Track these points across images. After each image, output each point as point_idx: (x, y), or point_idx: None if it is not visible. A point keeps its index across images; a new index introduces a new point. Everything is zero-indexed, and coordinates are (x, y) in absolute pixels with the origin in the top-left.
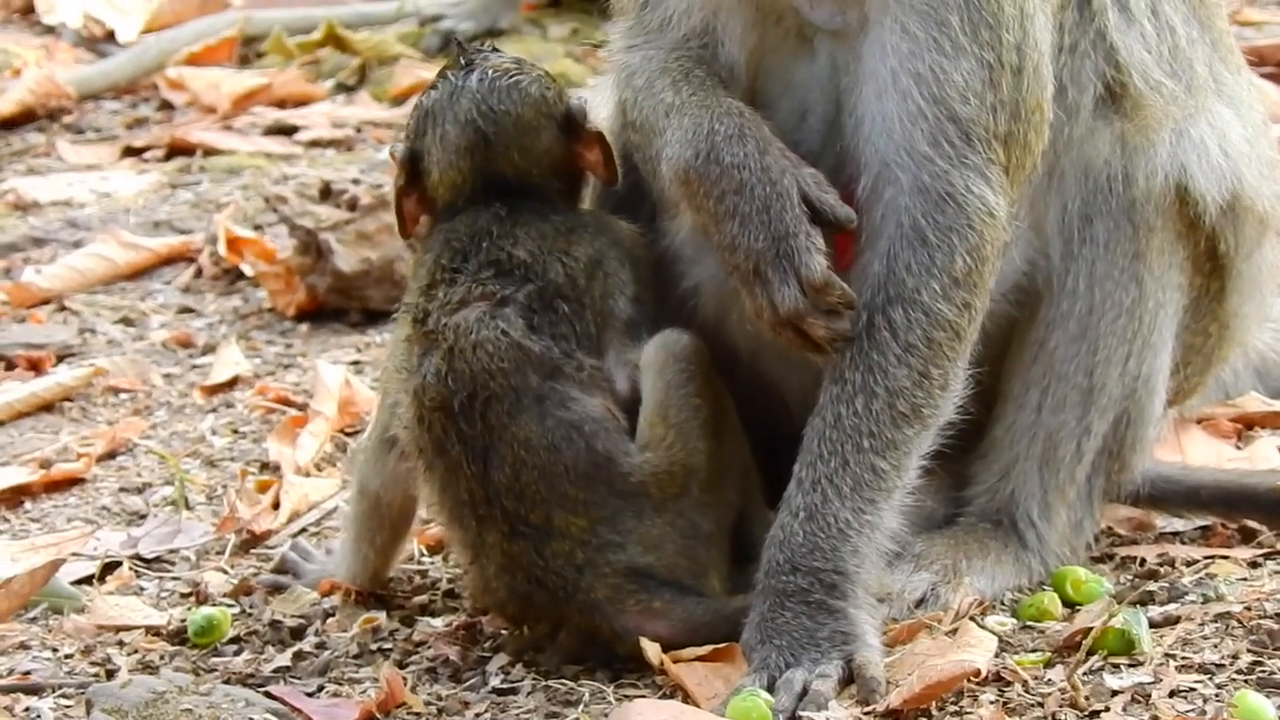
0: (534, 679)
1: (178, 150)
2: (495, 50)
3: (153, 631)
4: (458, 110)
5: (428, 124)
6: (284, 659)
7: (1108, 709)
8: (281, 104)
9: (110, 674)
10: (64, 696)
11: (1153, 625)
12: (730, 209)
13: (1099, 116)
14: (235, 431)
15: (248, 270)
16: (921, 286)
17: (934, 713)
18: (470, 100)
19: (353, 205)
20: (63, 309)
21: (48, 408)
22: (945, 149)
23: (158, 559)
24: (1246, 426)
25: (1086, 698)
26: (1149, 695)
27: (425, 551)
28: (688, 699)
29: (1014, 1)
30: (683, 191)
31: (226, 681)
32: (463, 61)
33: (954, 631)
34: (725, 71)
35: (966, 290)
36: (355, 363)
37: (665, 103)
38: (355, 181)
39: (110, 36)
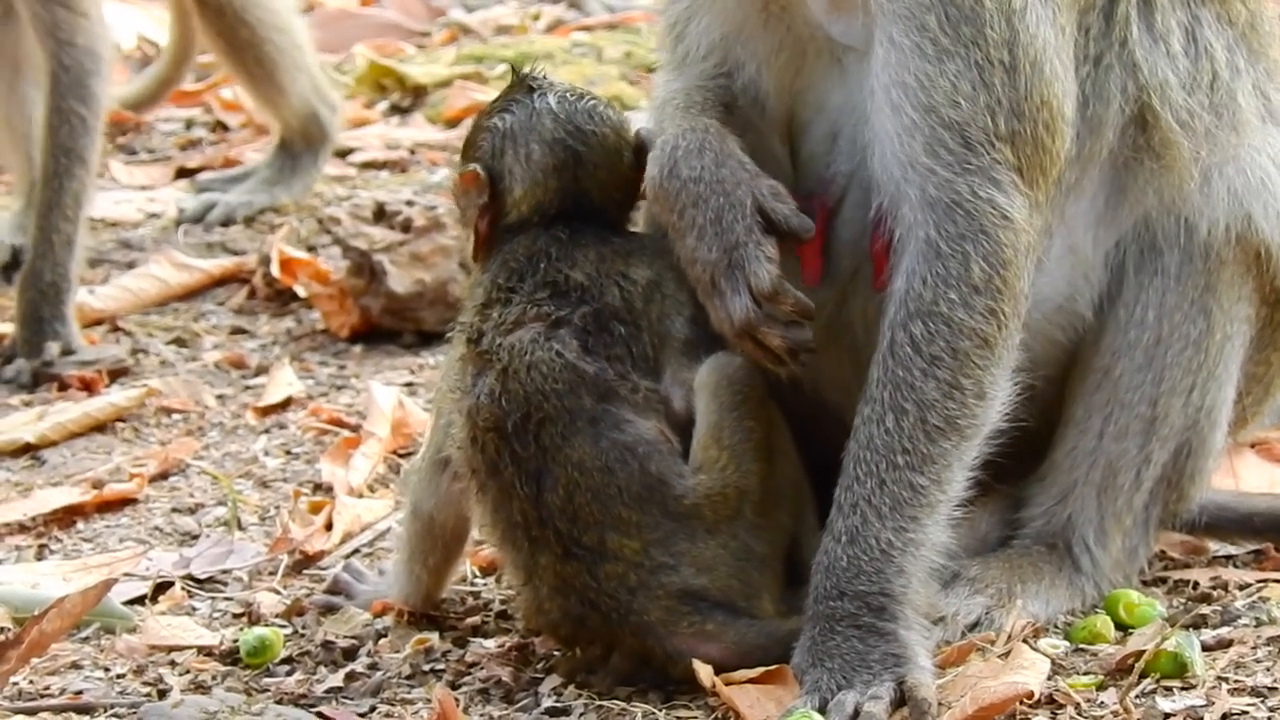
0: (586, 701)
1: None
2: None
3: (205, 652)
4: (541, 130)
5: (506, 145)
6: (336, 679)
7: None
8: None
9: (162, 694)
10: (115, 716)
11: (1205, 648)
12: (690, 222)
13: (1138, 148)
14: (288, 452)
15: (301, 291)
16: (939, 298)
17: None
18: (553, 120)
19: (406, 227)
20: (116, 329)
21: (100, 428)
22: (945, 158)
23: (210, 579)
24: None
25: None
26: (1201, 718)
27: (478, 572)
28: None
29: None
30: (655, 208)
31: (279, 702)
32: (529, 86)
33: (1006, 654)
34: (749, 101)
35: (989, 297)
36: (408, 384)
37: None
38: (409, 203)
39: None
